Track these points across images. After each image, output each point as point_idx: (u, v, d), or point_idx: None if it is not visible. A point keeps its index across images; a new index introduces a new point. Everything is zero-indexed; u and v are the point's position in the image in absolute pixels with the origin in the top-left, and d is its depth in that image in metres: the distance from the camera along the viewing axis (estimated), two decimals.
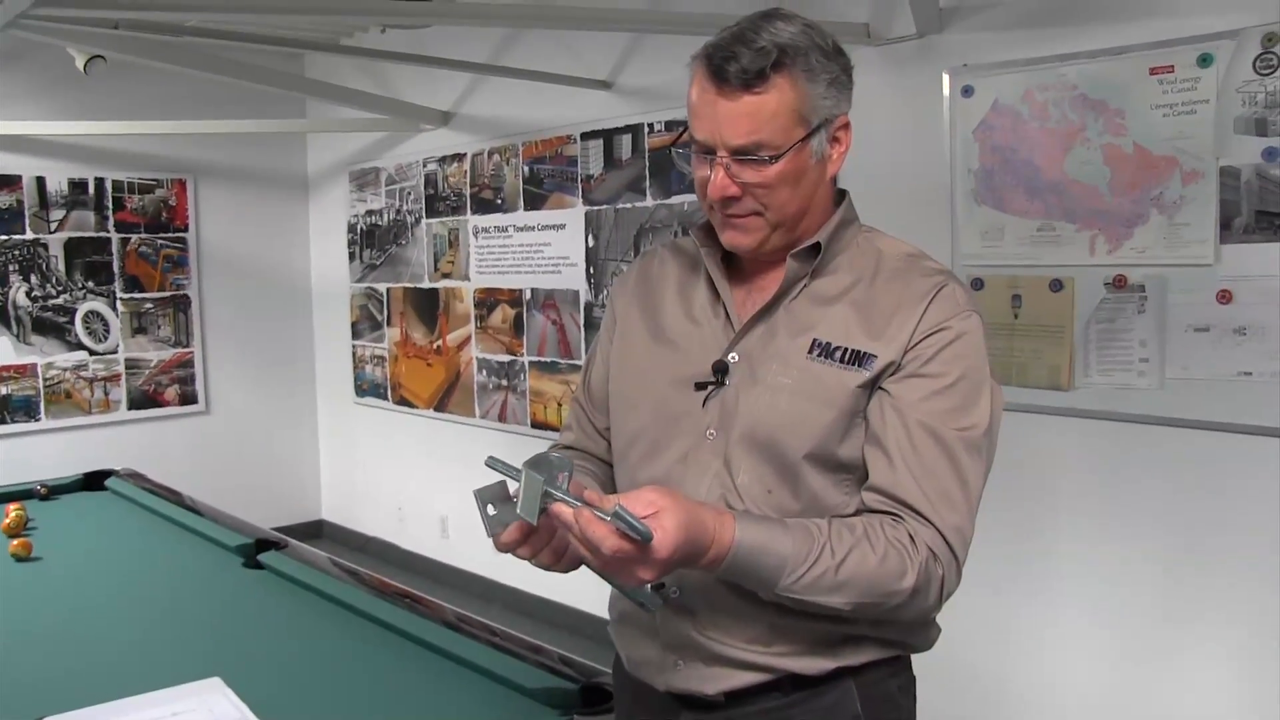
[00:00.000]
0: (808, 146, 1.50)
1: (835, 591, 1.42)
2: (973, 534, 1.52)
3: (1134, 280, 3.18)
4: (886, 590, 1.43)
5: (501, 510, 1.43)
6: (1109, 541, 3.33)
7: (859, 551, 1.42)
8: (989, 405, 1.53)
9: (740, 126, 1.47)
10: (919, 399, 1.49)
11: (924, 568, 1.44)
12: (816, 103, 1.49)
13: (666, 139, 4.55)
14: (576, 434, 1.85)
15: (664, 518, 1.32)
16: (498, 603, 5.45)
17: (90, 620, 2.45)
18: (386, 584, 2.60)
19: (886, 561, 1.42)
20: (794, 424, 1.52)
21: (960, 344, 1.51)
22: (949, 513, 1.48)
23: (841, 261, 1.60)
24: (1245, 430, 3.01)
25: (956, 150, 3.54)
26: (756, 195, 1.52)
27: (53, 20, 3.70)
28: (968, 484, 1.50)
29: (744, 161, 1.49)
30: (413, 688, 2.02)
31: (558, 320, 5.18)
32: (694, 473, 1.59)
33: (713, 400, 1.59)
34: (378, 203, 6.38)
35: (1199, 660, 3.18)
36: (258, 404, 6.85)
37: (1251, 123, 2.93)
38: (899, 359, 1.51)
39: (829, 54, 1.50)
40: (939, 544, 1.46)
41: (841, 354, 1.52)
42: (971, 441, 1.50)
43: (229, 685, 1.93)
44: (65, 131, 5.81)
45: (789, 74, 1.46)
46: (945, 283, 1.55)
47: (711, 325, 1.64)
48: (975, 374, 1.52)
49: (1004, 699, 3.59)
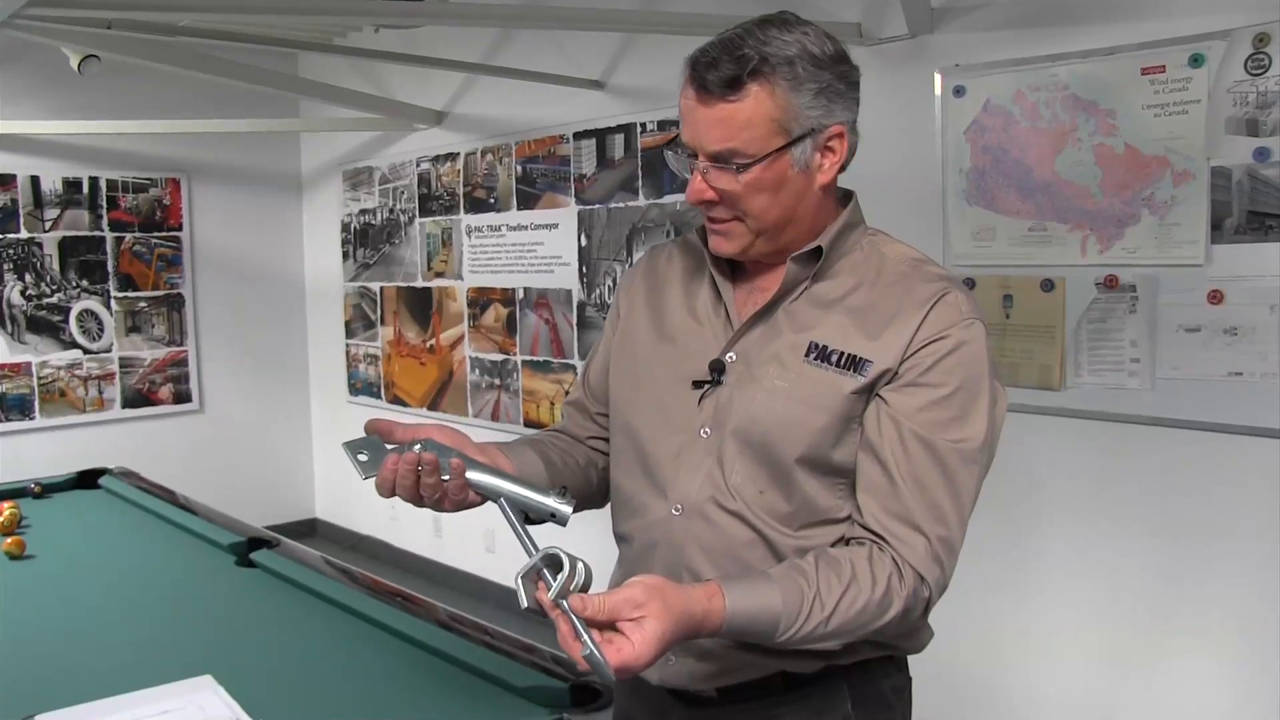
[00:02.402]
0: (786, 156, 1.49)
1: (827, 638, 1.45)
2: (962, 544, 1.53)
3: (1125, 280, 3.19)
4: (875, 626, 1.47)
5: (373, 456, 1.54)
6: (1100, 542, 3.34)
7: (847, 598, 1.43)
8: (987, 415, 1.52)
9: (715, 133, 1.48)
10: (915, 409, 1.49)
11: (912, 595, 1.47)
12: (799, 113, 1.48)
13: (659, 139, 4.55)
14: (569, 422, 1.87)
15: (647, 625, 1.31)
16: (490, 601, 5.45)
17: (83, 618, 2.44)
18: (379, 583, 2.60)
19: (871, 604, 1.44)
20: (787, 426, 1.53)
21: (960, 353, 1.51)
22: (938, 524, 1.48)
23: (844, 265, 1.60)
24: (1236, 430, 3.02)
25: (948, 150, 3.55)
26: (732, 202, 1.52)
27: (46, 20, 3.69)
28: (959, 496, 1.50)
29: (720, 169, 1.50)
30: (404, 686, 2.02)
31: (550, 319, 5.19)
32: (686, 470, 1.59)
33: (708, 399, 1.59)
34: (371, 202, 6.38)
35: (1190, 661, 3.19)
36: (251, 403, 6.86)
37: (1243, 123, 2.94)
38: (896, 366, 1.51)
39: (822, 62, 1.49)
40: (927, 558, 1.48)
41: (838, 358, 1.52)
42: (966, 453, 1.50)
43: (220, 683, 1.92)
44: (59, 131, 5.81)
45: (768, 82, 1.46)
46: (947, 290, 1.54)
47: (712, 324, 1.64)
48: (974, 384, 1.52)
49: (994, 700, 3.59)
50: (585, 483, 1.79)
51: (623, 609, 1.32)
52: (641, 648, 1.31)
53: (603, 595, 1.33)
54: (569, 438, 1.85)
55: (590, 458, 1.83)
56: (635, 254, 4.70)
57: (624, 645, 1.31)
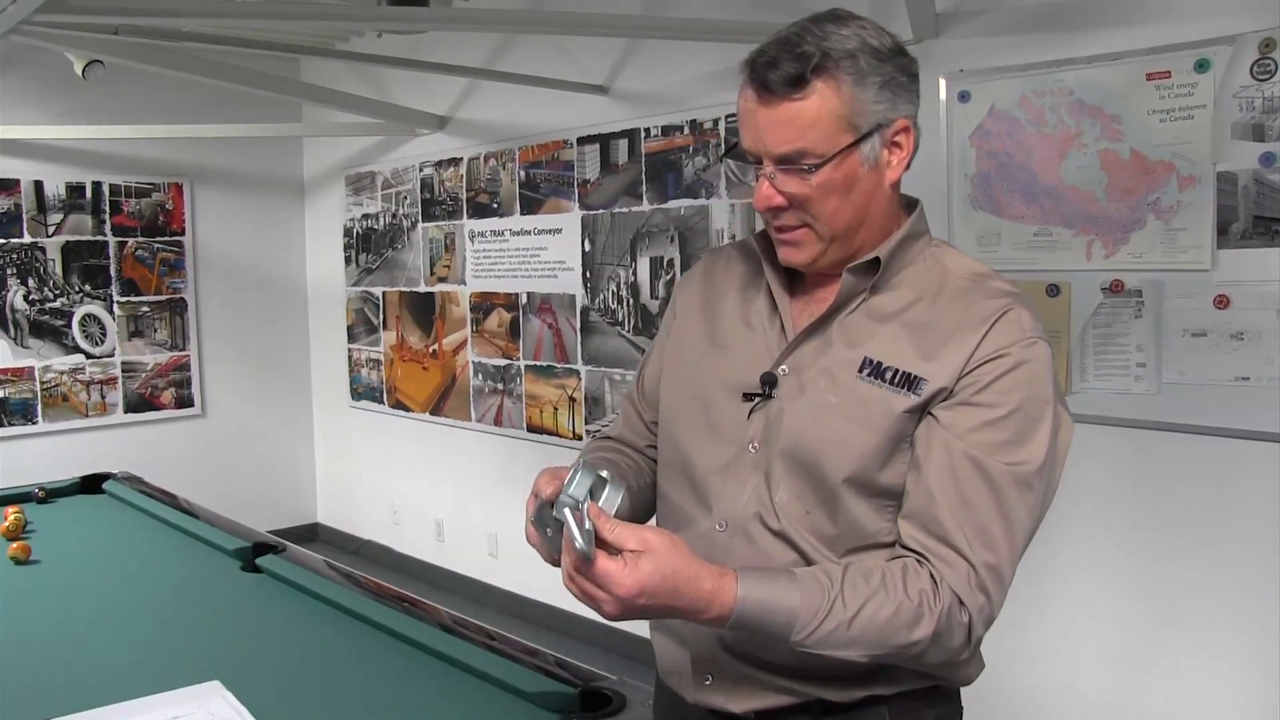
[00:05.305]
0: (855, 154, 1.43)
1: (849, 646, 1.37)
2: (1012, 572, 1.43)
3: (1131, 285, 3.19)
4: (900, 642, 1.38)
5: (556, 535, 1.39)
6: (1107, 546, 3.34)
7: (873, 604, 1.36)
8: (1047, 440, 1.44)
9: (781, 135, 1.42)
10: (968, 429, 1.42)
11: (945, 616, 1.38)
12: (866, 107, 1.42)
13: (663, 143, 4.55)
14: (622, 426, 1.83)
15: (644, 561, 1.30)
16: (492, 606, 5.45)
17: (90, 623, 2.44)
18: (384, 587, 2.60)
19: (900, 614, 1.37)
20: (836, 445, 1.46)
21: (1020, 372, 1.43)
22: (985, 550, 1.40)
23: (905, 277, 1.52)
24: (1242, 435, 3.02)
25: (953, 155, 3.55)
26: (803, 206, 1.46)
27: (54, 26, 3.70)
28: (1011, 521, 1.41)
29: (788, 171, 1.44)
30: (413, 691, 2.02)
31: (554, 324, 5.18)
32: (733, 485, 1.55)
33: (758, 412, 1.53)
34: (374, 207, 6.38)
35: (1197, 665, 3.19)
36: (254, 407, 6.85)
37: (1249, 128, 2.94)
38: (951, 385, 1.43)
39: (883, 55, 1.43)
40: (968, 584, 1.39)
41: (892, 375, 1.45)
42: (1021, 477, 1.42)
43: (228, 689, 1.93)
44: (63, 135, 5.82)
45: (832, 78, 1.40)
46: (1011, 306, 1.46)
47: (766, 334, 1.58)
48: (1034, 406, 1.43)
49: (1000, 702, 3.59)
50: (651, 502, 1.75)
51: (629, 540, 1.31)
52: (626, 576, 1.29)
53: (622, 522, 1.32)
54: (633, 450, 1.80)
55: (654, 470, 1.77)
56: (639, 259, 4.70)
57: (612, 564, 1.30)
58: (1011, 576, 1.43)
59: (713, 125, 4.34)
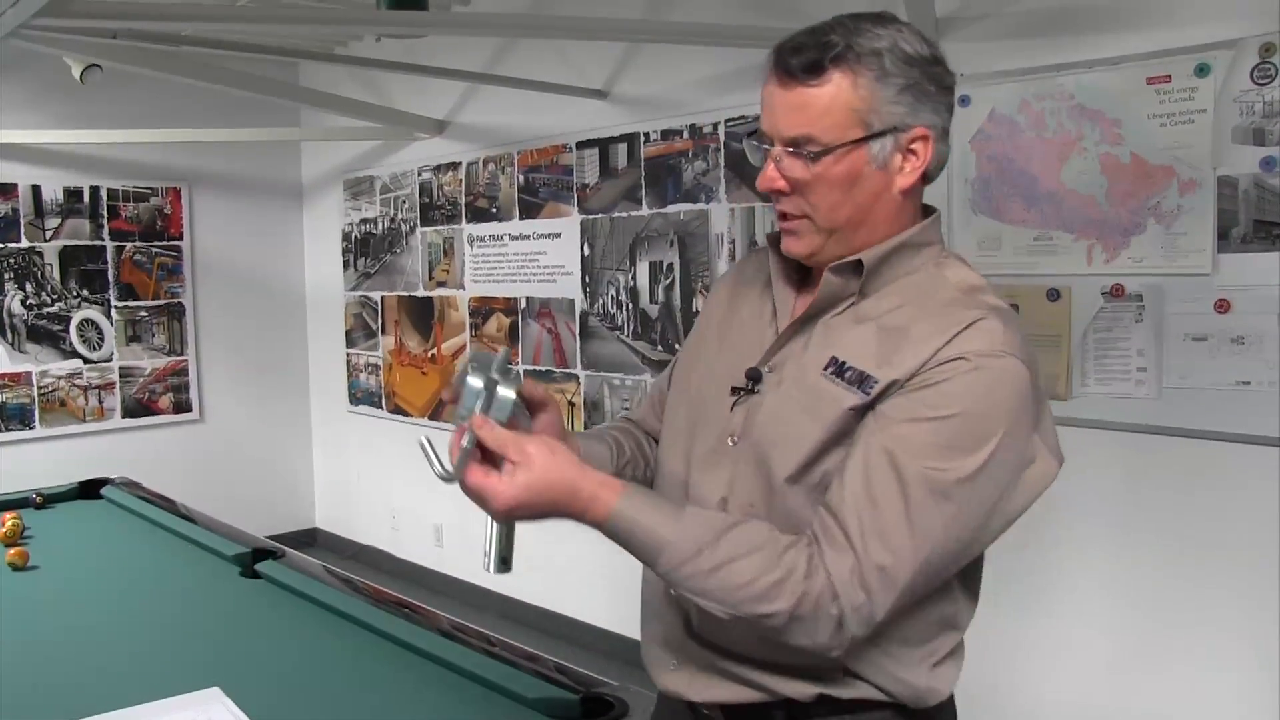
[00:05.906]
0: (862, 151, 1.43)
1: (705, 595, 1.38)
2: (909, 582, 1.37)
3: (1131, 290, 3.19)
4: (752, 611, 1.36)
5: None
6: (1107, 551, 3.33)
7: (740, 564, 1.35)
8: (984, 457, 1.37)
9: (792, 118, 1.43)
10: (899, 419, 1.38)
11: (809, 600, 1.34)
12: (883, 107, 1.42)
13: (662, 148, 4.55)
14: (645, 410, 1.87)
15: (519, 473, 1.38)
16: (491, 611, 5.44)
17: (88, 630, 2.43)
18: (383, 593, 2.59)
19: (758, 581, 1.35)
20: (788, 439, 1.47)
21: (975, 379, 1.37)
22: (881, 550, 1.35)
23: (900, 286, 1.50)
24: (1243, 440, 3.02)
25: (953, 160, 3.51)
26: (803, 194, 1.46)
27: (52, 30, 3.69)
28: (917, 528, 1.35)
29: (794, 155, 1.44)
30: (414, 698, 2.01)
31: (553, 329, 5.18)
32: (708, 476, 1.57)
33: (740, 406, 1.55)
34: (372, 211, 6.38)
35: (1197, 670, 3.18)
36: (252, 412, 6.84)
37: (1249, 132, 2.94)
38: (904, 379, 1.40)
39: (913, 60, 1.42)
40: (849, 577, 1.35)
41: (851, 374, 1.43)
42: (937, 484, 1.35)
43: (228, 695, 1.92)
44: (61, 140, 5.81)
45: (850, 71, 1.40)
46: (986, 316, 1.41)
47: (763, 332, 1.60)
48: (979, 421, 1.37)
49: (999, 707, 3.58)
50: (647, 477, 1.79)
51: (509, 448, 1.39)
52: (503, 486, 1.38)
53: (505, 430, 1.42)
54: (644, 434, 1.84)
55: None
56: (638, 263, 4.69)
57: (489, 479, 1.39)
58: (911, 585, 1.38)
59: (712, 130, 4.34)
